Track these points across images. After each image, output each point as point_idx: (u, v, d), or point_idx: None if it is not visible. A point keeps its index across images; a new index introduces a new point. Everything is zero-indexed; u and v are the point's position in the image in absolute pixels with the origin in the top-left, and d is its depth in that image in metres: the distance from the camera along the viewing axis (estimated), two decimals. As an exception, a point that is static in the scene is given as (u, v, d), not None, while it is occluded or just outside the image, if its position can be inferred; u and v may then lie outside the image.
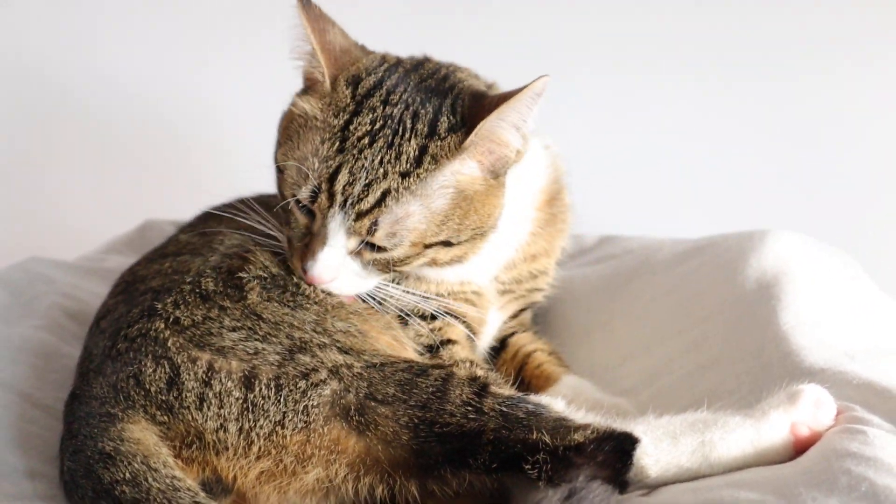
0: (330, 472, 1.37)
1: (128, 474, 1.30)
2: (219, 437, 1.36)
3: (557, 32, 2.90)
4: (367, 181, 1.52)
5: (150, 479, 1.29)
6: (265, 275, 1.59)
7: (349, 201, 1.52)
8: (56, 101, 3.07)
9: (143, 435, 1.36)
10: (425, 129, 1.56)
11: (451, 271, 1.71)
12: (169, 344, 1.44)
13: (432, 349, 1.71)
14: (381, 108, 1.57)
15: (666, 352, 1.84)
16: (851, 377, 1.51)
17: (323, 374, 1.42)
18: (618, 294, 2.09)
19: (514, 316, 1.96)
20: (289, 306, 1.54)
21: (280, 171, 1.61)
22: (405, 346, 1.65)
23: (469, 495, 1.38)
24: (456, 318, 1.75)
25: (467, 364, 1.66)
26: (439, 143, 1.55)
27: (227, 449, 1.36)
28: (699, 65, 2.91)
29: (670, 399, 1.61)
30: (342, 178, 1.52)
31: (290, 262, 1.61)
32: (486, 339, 1.89)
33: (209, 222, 1.81)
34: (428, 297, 1.70)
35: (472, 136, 1.54)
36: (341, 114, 1.57)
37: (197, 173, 3.09)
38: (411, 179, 1.54)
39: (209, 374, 1.40)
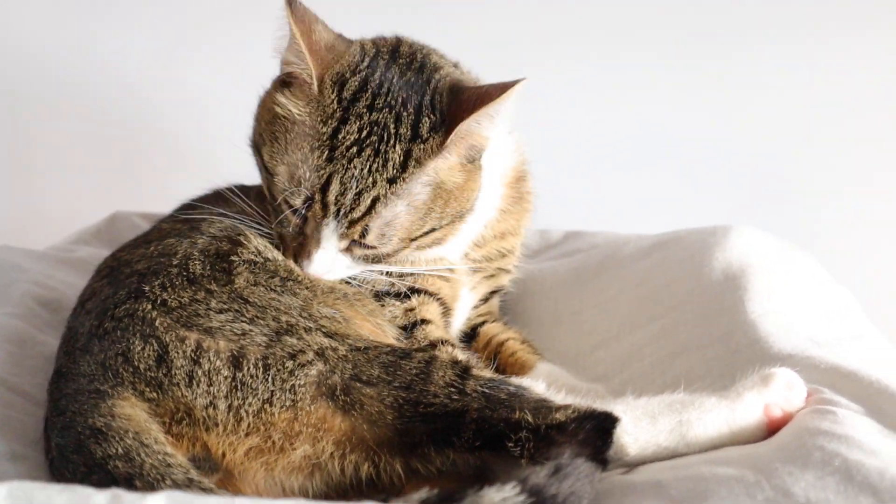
0: (317, 448, 1.39)
1: (120, 450, 1.30)
2: (208, 413, 1.38)
3: (515, 27, 2.95)
4: (357, 190, 1.59)
5: (142, 455, 1.30)
6: (257, 259, 1.61)
7: (342, 211, 1.59)
8: (23, 94, 3.05)
9: (133, 411, 1.36)
10: (408, 132, 1.62)
11: (429, 252, 1.77)
12: (157, 324, 1.45)
13: (407, 329, 1.75)
14: (367, 114, 1.62)
15: (636, 339, 1.89)
16: (818, 362, 1.57)
17: (309, 356, 1.44)
18: (587, 285, 2.14)
19: (485, 300, 2.01)
20: (276, 291, 1.56)
21: (268, 171, 1.66)
22: (386, 334, 1.69)
23: (452, 474, 1.41)
24: (431, 295, 1.80)
25: (448, 348, 1.70)
26: (422, 145, 1.62)
27: (216, 425, 1.38)
28: (660, 65, 2.97)
29: (642, 385, 1.65)
30: (334, 188, 1.58)
31: (284, 256, 1.66)
32: (459, 321, 1.93)
33: (190, 211, 1.82)
34: (407, 273, 1.77)
35: (451, 136, 1.61)
36: (329, 121, 1.61)
37: (162, 167, 3.09)
38: (398, 184, 1.61)
39: (198, 353, 1.41)
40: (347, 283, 1.70)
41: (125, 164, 3.16)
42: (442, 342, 1.75)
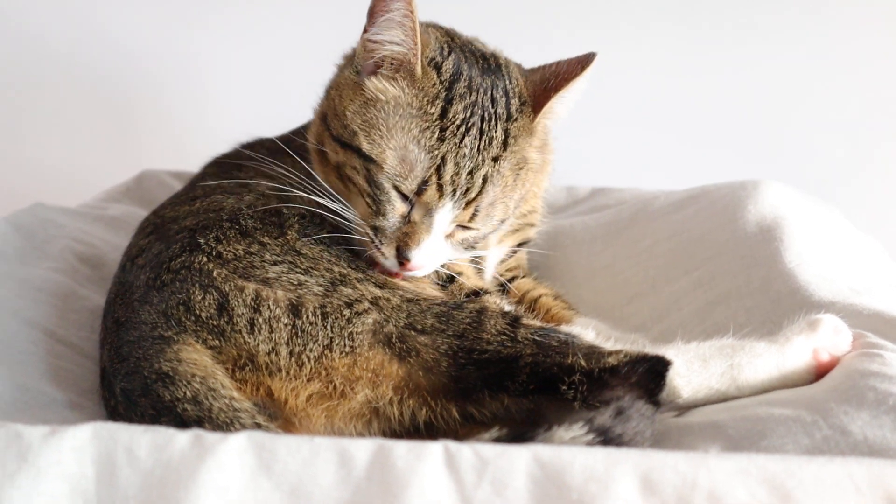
0: (377, 392, 1.41)
1: (188, 393, 1.32)
2: (271, 359, 1.40)
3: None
4: (469, 169, 1.58)
5: (210, 399, 1.32)
6: (306, 213, 1.62)
7: (457, 191, 1.58)
8: (43, 54, 3.05)
9: (198, 356, 1.38)
10: (504, 112, 1.63)
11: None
12: (214, 274, 1.46)
13: (442, 282, 1.76)
14: (469, 94, 1.61)
15: (673, 290, 1.92)
16: (861, 308, 1.60)
17: (365, 305, 1.46)
18: (619, 239, 2.17)
19: (513, 252, 2.04)
20: (324, 243, 1.58)
21: (369, 159, 1.58)
22: (427, 288, 1.70)
23: (506, 419, 1.43)
24: None
25: (496, 299, 1.72)
26: (515, 124, 1.64)
27: (279, 370, 1.39)
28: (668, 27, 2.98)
29: (681, 334, 1.66)
30: (449, 168, 1.57)
31: (374, 250, 1.60)
32: (488, 273, 1.95)
33: (232, 171, 1.84)
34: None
35: (539, 116, 1.65)
36: (436, 101, 1.58)
37: (180, 125, 3.11)
38: (501, 162, 1.62)
39: (257, 302, 1.43)
40: None
41: (142, 125, 3.18)
42: (481, 291, 1.77)
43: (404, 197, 1.59)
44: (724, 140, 3.03)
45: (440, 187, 1.57)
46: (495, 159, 1.61)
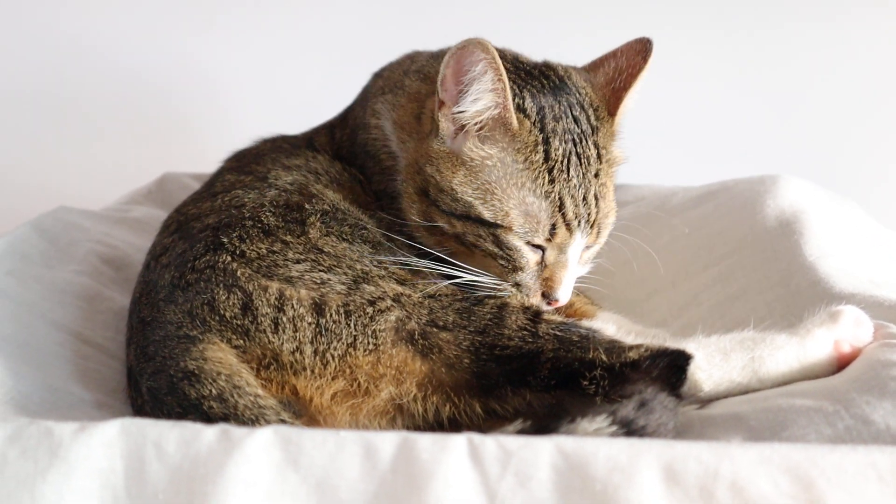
0: (401, 389, 1.42)
1: (214, 391, 1.33)
2: (295, 357, 1.41)
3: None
4: (582, 196, 1.61)
5: (235, 396, 1.33)
6: (329, 209, 1.63)
7: (582, 222, 1.61)
8: (65, 63, 3.09)
9: (223, 355, 1.39)
10: (589, 128, 1.65)
11: None
12: (238, 274, 1.48)
13: None
14: (557, 125, 1.61)
15: (692, 286, 1.92)
16: (882, 300, 1.60)
17: (388, 302, 1.47)
18: (637, 235, 2.15)
19: None
20: (347, 240, 1.59)
21: (495, 226, 1.59)
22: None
23: (528, 414, 1.43)
24: None
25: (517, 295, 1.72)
26: (600, 134, 1.67)
27: (304, 369, 1.41)
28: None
29: (702, 329, 1.65)
30: (569, 204, 1.59)
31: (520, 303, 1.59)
32: None
33: (251, 163, 1.85)
34: None
35: (617, 118, 1.69)
36: (537, 146, 1.59)
37: (199, 129, 3.15)
38: (601, 176, 1.65)
39: (281, 301, 1.44)
40: None
41: (155, 132, 3.22)
42: None
43: (536, 246, 1.62)
44: (743, 136, 3.02)
45: (567, 225, 1.60)
46: (597, 175, 1.64)
